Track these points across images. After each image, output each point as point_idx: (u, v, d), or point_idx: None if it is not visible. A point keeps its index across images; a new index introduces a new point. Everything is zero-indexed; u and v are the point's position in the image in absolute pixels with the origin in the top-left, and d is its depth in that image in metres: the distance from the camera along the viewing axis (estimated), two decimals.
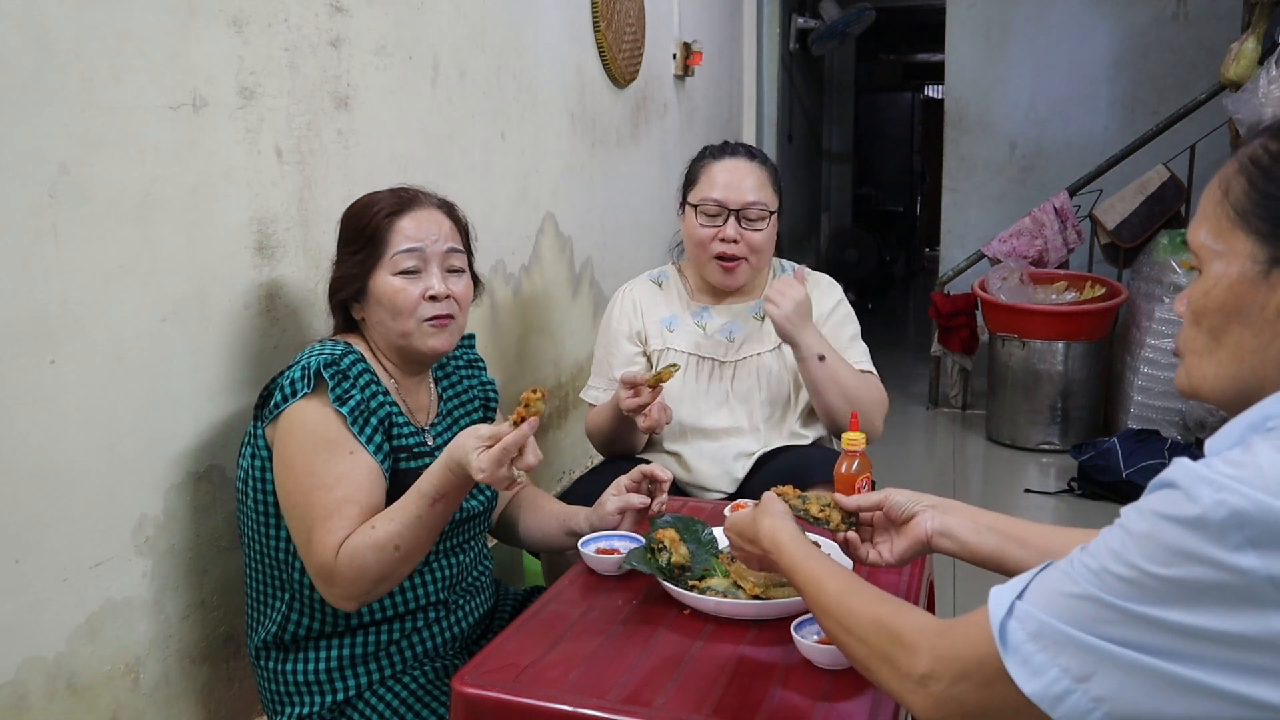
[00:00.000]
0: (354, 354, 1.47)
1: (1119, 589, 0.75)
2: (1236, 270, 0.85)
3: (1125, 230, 4.45)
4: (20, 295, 1.24)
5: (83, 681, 1.35)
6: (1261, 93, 3.46)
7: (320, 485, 1.35)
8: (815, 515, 1.32)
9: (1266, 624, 0.70)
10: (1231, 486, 0.71)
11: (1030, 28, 5.49)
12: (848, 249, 8.36)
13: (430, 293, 1.48)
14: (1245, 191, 0.85)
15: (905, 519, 1.22)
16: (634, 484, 1.59)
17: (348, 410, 1.38)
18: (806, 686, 1.17)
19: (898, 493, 1.25)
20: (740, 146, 2.09)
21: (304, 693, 1.46)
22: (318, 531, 1.34)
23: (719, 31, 4.66)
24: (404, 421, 1.50)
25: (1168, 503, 0.75)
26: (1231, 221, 0.86)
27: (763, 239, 2.00)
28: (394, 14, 2.01)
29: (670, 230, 4.03)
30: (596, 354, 2.16)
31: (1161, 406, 4.05)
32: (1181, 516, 0.73)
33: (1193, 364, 0.91)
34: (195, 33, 1.49)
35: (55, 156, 1.27)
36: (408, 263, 1.47)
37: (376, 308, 1.49)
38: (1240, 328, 0.85)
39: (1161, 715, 0.74)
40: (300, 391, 1.37)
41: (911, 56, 11.25)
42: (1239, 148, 0.90)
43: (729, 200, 1.98)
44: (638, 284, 2.16)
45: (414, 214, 1.50)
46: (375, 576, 1.34)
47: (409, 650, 1.50)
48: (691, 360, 2.04)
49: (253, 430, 1.46)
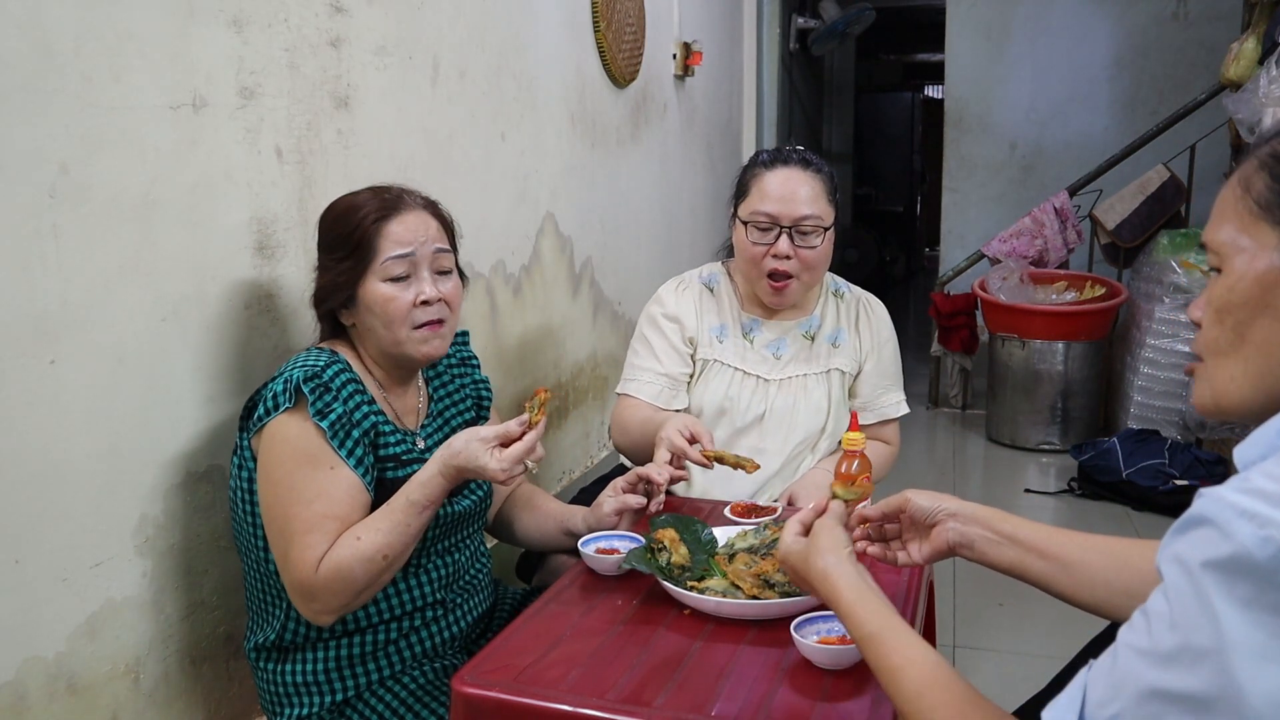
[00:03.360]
0: (339, 363, 1.44)
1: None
2: (1264, 263, 0.84)
3: (1125, 230, 4.46)
4: (20, 295, 1.24)
5: (83, 681, 1.35)
6: (1261, 93, 3.46)
7: (299, 500, 1.35)
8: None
9: None
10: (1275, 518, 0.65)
11: (1030, 28, 5.49)
12: (848, 249, 8.37)
13: (422, 298, 1.45)
14: (1268, 185, 0.85)
15: (929, 524, 1.22)
16: (630, 485, 1.59)
17: (328, 425, 1.37)
18: (807, 686, 1.17)
19: (918, 496, 1.24)
20: (794, 153, 1.94)
21: (303, 693, 1.46)
22: (295, 548, 1.34)
23: (719, 31, 4.66)
24: (390, 430, 1.48)
25: (1206, 545, 0.68)
26: (1256, 215, 0.85)
27: (817, 256, 1.88)
28: (394, 14, 2.01)
29: (671, 231, 4.04)
30: (636, 346, 2.01)
31: (1161, 406, 4.06)
32: (1220, 560, 0.67)
33: (1216, 369, 0.88)
34: (195, 33, 1.49)
35: (55, 156, 1.27)
36: (398, 269, 1.44)
37: (367, 315, 1.46)
38: (1269, 321, 0.84)
39: None
40: (282, 405, 1.36)
41: (911, 56, 11.24)
42: (1255, 147, 0.89)
43: (782, 215, 1.85)
44: (691, 285, 2.02)
45: (401, 217, 1.46)
46: (359, 588, 1.34)
47: (407, 650, 1.50)
48: (737, 375, 1.96)
49: (239, 440, 1.45)
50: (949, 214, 5.78)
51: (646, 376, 1.96)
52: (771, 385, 1.96)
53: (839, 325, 2.01)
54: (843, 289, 2.06)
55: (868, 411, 2.01)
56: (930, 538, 1.22)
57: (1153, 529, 3.36)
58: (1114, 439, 3.77)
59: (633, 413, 1.93)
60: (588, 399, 3.22)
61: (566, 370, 3.04)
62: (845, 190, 9.31)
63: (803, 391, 1.96)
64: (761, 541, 1.45)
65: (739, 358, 1.97)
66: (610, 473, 2.10)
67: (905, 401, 2.06)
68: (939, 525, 1.21)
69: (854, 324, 2.02)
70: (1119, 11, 5.33)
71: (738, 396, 1.95)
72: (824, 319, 2.02)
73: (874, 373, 2.02)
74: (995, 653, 2.55)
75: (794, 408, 1.96)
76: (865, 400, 2.02)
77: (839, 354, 1.99)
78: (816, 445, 1.98)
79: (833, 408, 1.98)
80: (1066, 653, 1.21)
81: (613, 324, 3.38)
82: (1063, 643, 1.37)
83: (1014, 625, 2.69)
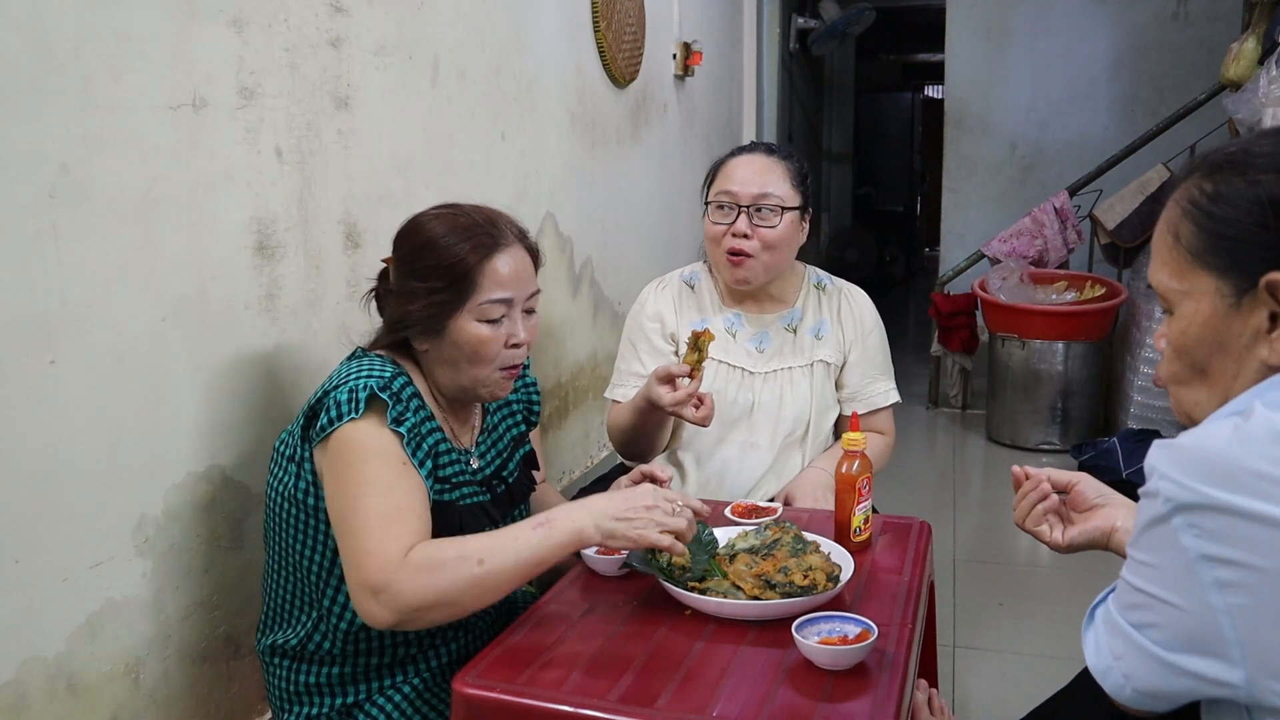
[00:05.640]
0: (403, 377, 1.40)
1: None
2: (1208, 307, 0.90)
3: (1125, 230, 4.46)
4: (20, 295, 1.23)
5: (83, 681, 1.35)
6: (1261, 93, 3.47)
7: (374, 491, 1.28)
8: (801, 584, 1.32)
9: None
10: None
11: (1030, 28, 5.50)
12: (848, 249, 8.38)
13: (514, 340, 1.42)
14: (1194, 233, 0.90)
15: (1089, 508, 1.24)
16: (633, 484, 1.59)
17: (406, 430, 1.32)
18: (808, 687, 1.17)
19: (1091, 480, 1.27)
20: (761, 144, 2.00)
21: (314, 694, 1.46)
22: (375, 538, 1.24)
23: (719, 31, 4.66)
24: (447, 449, 1.44)
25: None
26: (1189, 263, 0.91)
27: (777, 235, 1.89)
28: (394, 14, 2.01)
29: (671, 231, 4.04)
30: (622, 350, 2.05)
31: (1161, 406, 4.05)
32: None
33: (1180, 395, 0.98)
34: (195, 33, 1.49)
35: (55, 156, 1.27)
36: (497, 312, 1.39)
37: (452, 349, 1.40)
38: (1222, 357, 0.91)
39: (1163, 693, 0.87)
40: (347, 415, 1.30)
41: (911, 56, 11.25)
42: (1173, 189, 0.95)
43: (740, 195, 1.89)
44: (671, 283, 2.06)
45: (504, 254, 1.41)
46: (441, 586, 1.22)
47: (424, 664, 1.49)
48: (722, 368, 1.97)
49: (297, 446, 1.39)
50: (949, 214, 5.79)
51: (632, 381, 1.98)
52: (757, 378, 1.97)
53: (821, 317, 2.02)
54: (825, 281, 2.07)
55: (857, 402, 2.01)
56: (1093, 518, 1.23)
57: None
58: (1114, 439, 3.77)
59: (618, 412, 1.96)
60: (588, 399, 3.22)
61: (566, 370, 3.04)
62: (845, 190, 9.33)
63: (788, 384, 1.97)
64: (762, 542, 1.45)
65: (722, 351, 1.97)
66: (610, 472, 2.10)
67: (895, 390, 2.06)
68: (1109, 507, 1.23)
69: (836, 315, 2.03)
70: (1119, 11, 5.33)
71: (724, 390, 1.96)
72: (806, 311, 2.02)
73: (860, 362, 2.02)
74: (995, 653, 2.55)
75: (780, 401, 1.96)
76: (853, 390, 2.02)
77: (822, 346, 2.00)
78: (804, 439, 1.98)
79: (817, 400, 1.98)
80: (1066, 653, 1.21)
81: (613, 324, 3.38)
82: (1063, 643, 1.37)
83: (1014, 625, 2.69)
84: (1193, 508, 0.80)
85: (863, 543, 1.55)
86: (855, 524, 1.54)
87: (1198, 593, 0.80)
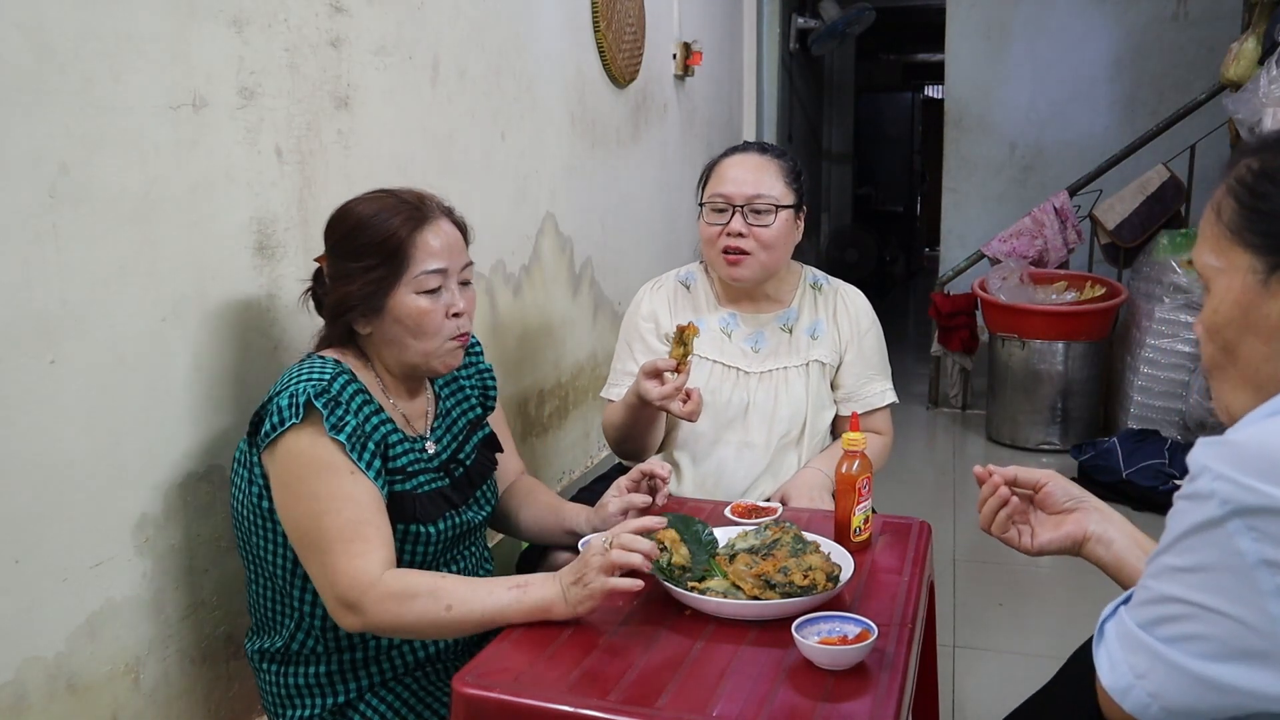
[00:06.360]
0: (345, 374, 1.41)
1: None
2: (1239, 283, 0.89)
3: (1125, 230, 4.46)
4: (20, 295, 1.23)
5: (83, 681, 1.35)
6: (1262, 93, 3.47)
7: (327, 509, 1.31)
8: (801, 584, 1.32)
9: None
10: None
11: (1030, 28, 5.50)
12: (848, 249, 8.37)
13: (454, 310, 1.44)
14: (1235, 210, 0.90)
15: (1060, 510, 1.22)
16: (633, 484, 1.59)
17: (345, 437, 1.34)
18: (808, 687, 1.17)
19: (1061, 480, 1.25)
20: (754, 143, 2.02)
21: (305, 695, 1.46)
22: (339, 558, 1.29)
23: (719, 31, 4.66)
24: (399, 439, 1.46)
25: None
26: (1228, 240, 0.90)
27: (772, 234, 1.91)
28: (394, 14, 2.01)
29: (671, 232, 4.04)
30: (618, 350, 2.07)
31: (1161, 406, 4.06)
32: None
33: (1219, 387, 0.95)
34: (195, 33, 1.49)
35: (55, 156, 1.27)
36: (433, 283, 1.42)
37: (394, 326, 1.43)
38: (1252, 338, 0.89)
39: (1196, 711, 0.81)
40: (288, 421, 1.32)
41: (911, 56, 11.25)
42: (1225, 172, 0.94)
43: (734, 195, 1.90)
44: (666, 283, 2.07)
45: (433, 227, 1.43)
46: (409, 619, 1.30)
47: (410, 655, 1.50)
48: (717, 368, 1.97)
49: (247, 452, 1.41)
50: (949, 214, 5.79)
51: (627, 380, 1.98)
52: (752, 378, 1.98)
53: (817, 317, 2.02)
54: (821, 281, 2.08)
55: (853, 402, 2.01)
56: (1064, 523, 1.22)
57: (1153, 529, 3.32)
58: (1114, 439, 3.77)
59: (612, 411, 1.98)
60: (588, 399, 3.22)
61: (566, 370, 3.04)
62: (845, 190, 9.32)
63: (783, 384, 1.98)
64: (762, 542, 1.45)
65: (717, 350, 1.98)
66: (609, 472, 2.10)
67: (892, 391, 2.06)
68: (1079, 512, 1.21)
69: (832, 315, 2.03)
70: (1119, 12, 5.33)
71: (719, 389, 1.96)
72: (801, 311, 2.02)
73: (856, 363, 2.02)
74: (995, 653, 2.55)
75: (775, 400, 1.97)
76: (849, 391, 2.02)
77: (818, 346, 2.00)
78: (800, 438, 1.99)
79: (812, 400, 1.98)
80: (1066, 653, 1.21)
81: (613, 324, 3.37)
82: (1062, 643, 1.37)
83: (1014, 625, 2.69)
84: (1255, 511, 0.76)
85: (863, 543, 1.56)
86: (855, 524, 1.54)
87: (1256, 600, 0.77)
